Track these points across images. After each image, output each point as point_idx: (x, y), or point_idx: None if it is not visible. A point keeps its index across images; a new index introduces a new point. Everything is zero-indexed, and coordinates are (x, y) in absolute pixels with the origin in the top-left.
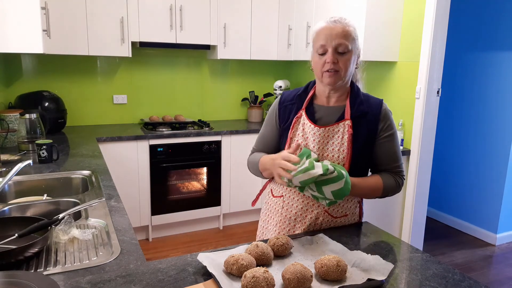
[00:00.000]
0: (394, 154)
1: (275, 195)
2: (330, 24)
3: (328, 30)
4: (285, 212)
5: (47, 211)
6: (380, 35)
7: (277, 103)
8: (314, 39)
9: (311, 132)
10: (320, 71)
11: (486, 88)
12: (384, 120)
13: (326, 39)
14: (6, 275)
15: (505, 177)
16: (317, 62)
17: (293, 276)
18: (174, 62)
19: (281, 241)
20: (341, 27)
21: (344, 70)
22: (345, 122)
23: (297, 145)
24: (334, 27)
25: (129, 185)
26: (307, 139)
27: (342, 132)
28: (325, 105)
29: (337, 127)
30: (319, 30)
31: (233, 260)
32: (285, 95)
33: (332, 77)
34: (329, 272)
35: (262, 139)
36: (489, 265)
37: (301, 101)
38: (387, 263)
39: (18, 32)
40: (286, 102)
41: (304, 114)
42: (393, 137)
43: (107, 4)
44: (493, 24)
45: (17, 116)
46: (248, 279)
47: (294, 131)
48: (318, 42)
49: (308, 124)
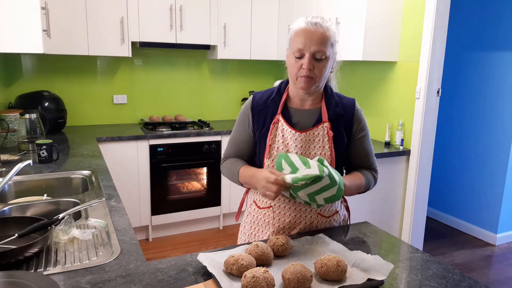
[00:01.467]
0: (369, 152)
1: (261, 206)
2: (310, 27)
3: (308, 34)
4: (277, 222)
5: (47, 211)
6: (380, 35)
7: (249, 107)
8: (292, 38)
9: (292, 138)
10: (295, 74)
11: (486, 88)
12: (358, 121)
13: (305, 44)
14: (6, 275)
15: (505, 177)
16: (293, 64)
17: (293, 276)
18: (174, 62)
19: (281, 241)
20: (321, 33)
21: (319, 77)
22: (324, 125)
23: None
24: (315, 31)
25: (129, 185)
26: (288, 145)
27: (322, 135)
28: (300, 108)
29: (317, 130)
30: (298, 31)
31: (233, 260)
32: (256, 98)
33: (307, 83)
34: (329, 272)
35: (234, 144)
36: (489, 265)
37: (275, 105)
38: (387, 263)
39: (18, 32)
40: (259, 106)
41: (282, 119)
42: (367, 136)
43: (107, 4)
44: (493, 24)
45: (17, 116)
46: (248, 279)
47: (273, 137)
48: (295, 45)
49: (287, 129)
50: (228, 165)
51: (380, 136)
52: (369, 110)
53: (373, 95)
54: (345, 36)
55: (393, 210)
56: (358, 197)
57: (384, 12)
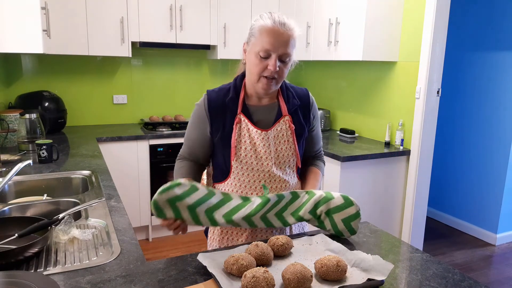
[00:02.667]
0: (319, 137)
1: None
2: (278, 27)
3: (276, 35)
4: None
5: (47, 211)
6: (380, 35)
7: (205, 108)
8: (256, 36)
9: (259, 138)
10: (258, 74)
11: (486, 88)
12: (313, 109)
13: (273, 45)
14: (6, 275)
15: (505, 177)
16: (256, 64)
17: (293, 276)
18: (174, 62)
19: (281, 241)
20: (289, 35)
21: (281, 78)
22: (285, 118)
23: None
24: (283, 32)
25: (129, 185)
26: (255, 144)
27: (285, 129)
28: (258, 105)
29: (279, 125)
30: (265, 30)
31: (233, 260)
32: (212, 98)
33: (269, 84)
34: (329, 272)
35: (189, 144)
36: (489, 265)
37: (234, 104)
38: (387, 263)
39: (18, 32)
40: (216, 107)
41: (246, 120)
42: (318, 123)
43: (107, 4)
44: (493, 24)
45: (17, 116)
46: (248, 279)
47: (237, 138)
48: (261, 44)
49: (252, 129)
50: (176, 168)
51: (380, 136)
52: (369, 110)
53: (373, 95)
54: (345, 36)
55: (393, 210)
56: (358, 197)
57: (384, 12)
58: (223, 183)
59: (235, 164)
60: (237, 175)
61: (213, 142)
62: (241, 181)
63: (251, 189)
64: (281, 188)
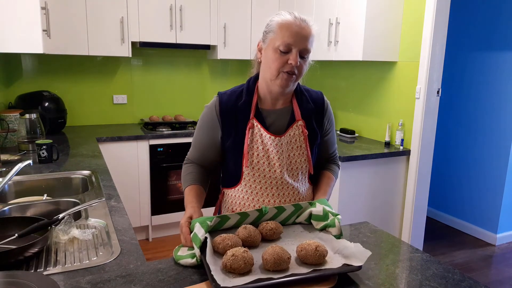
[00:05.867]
0: (334, 141)
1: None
2: (300, 23)
3: (298, 29)
4: None
5: (47, 211)
6: (380, 35)
7: (217, 111)
8: (276, 31)
9: (272, 144)
10: (278, 70)
11: (486, 88)
12: (328, 113)
13: (295, 39)
14: (6, 275)
15: (505, 177)
16: (275, 59)
17: (270, 257)
18: (174, 62)
19: (270, 226)
20: (310, 30)
21: (301, 75)
22: (298, 123)
23: None
24: (304, 27)
25: (129, 185)
26: (268, 151)
27: (298, 134)
28: (272, 109)
29: (292, 130)
30: (286, 25)
31: (220, 239)
32: (224, 100)
33: (289, 80)
34: (307, 256)
35: (198, 148)
36: (489, 265)
37: (246, 108)
38: (366, 251)
39: (18, 32)
40: (228, 110)
41: (259, 125)
42: (333, 126)
43: (107, 4)
44: (493, 24)
45: (17, 116)
46: (228, 256)
47: (250, 144)
48: (282, 39)
49: (266, 135)
50: (184, 173)
51: (380, 136)
52: (369, 110)
53: (373, 95)
54: (345, 36)
55: (393, 210)
56: (358, 197)
57: (384, 12)
58: (233, 189)
59: (246, 171)
60: (248, 181)
61: (224, 147)
62: (252, 187)
63: (263, 196)
64: (291, 195)
